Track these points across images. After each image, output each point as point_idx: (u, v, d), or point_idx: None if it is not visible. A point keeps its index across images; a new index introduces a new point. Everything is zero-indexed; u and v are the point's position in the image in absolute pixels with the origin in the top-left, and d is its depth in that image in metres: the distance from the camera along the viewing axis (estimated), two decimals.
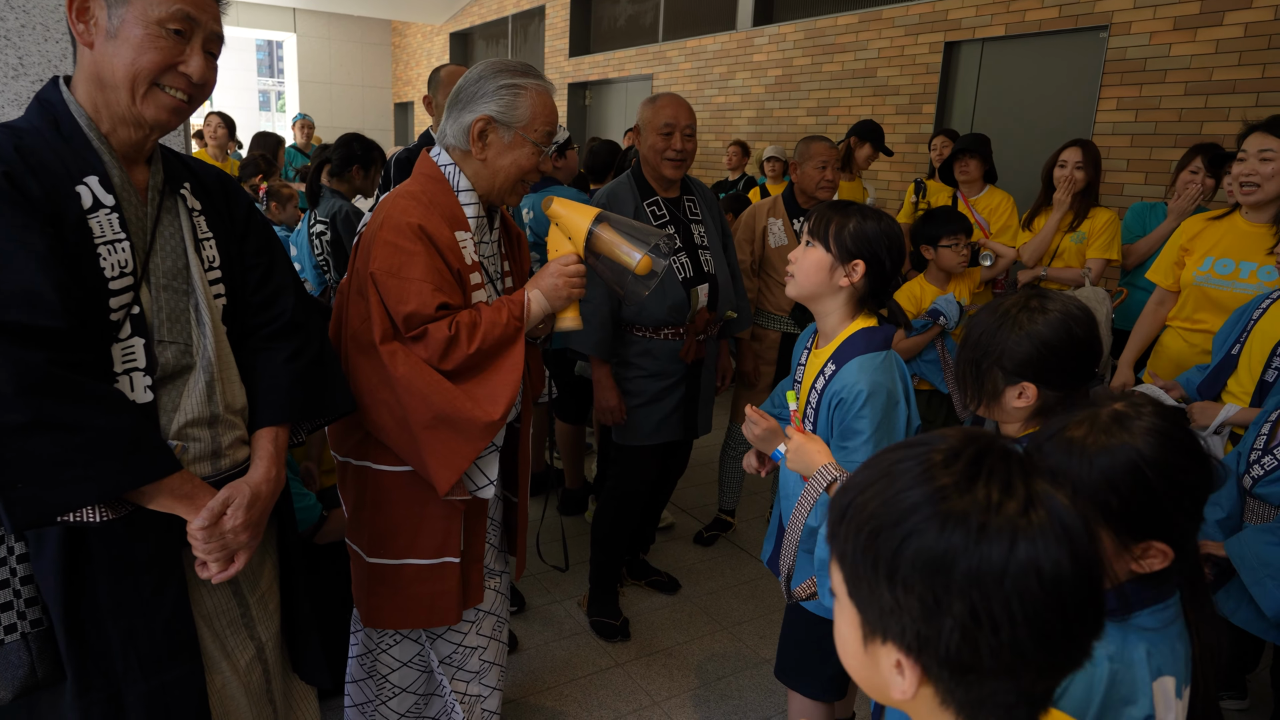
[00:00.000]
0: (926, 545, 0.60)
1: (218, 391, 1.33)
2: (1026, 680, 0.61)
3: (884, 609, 0.63)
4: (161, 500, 1.23)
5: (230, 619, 1.40)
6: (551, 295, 1.67)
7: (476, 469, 1.66)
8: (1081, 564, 0.60)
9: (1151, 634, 0.94)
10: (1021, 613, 0.58)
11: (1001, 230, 3.94)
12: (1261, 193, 2.44)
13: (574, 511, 3.64)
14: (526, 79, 1.66)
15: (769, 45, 7.28)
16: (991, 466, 0.62)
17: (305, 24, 14.95)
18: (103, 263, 1.19)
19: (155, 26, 1.21)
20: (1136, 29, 4.61)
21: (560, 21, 10.61)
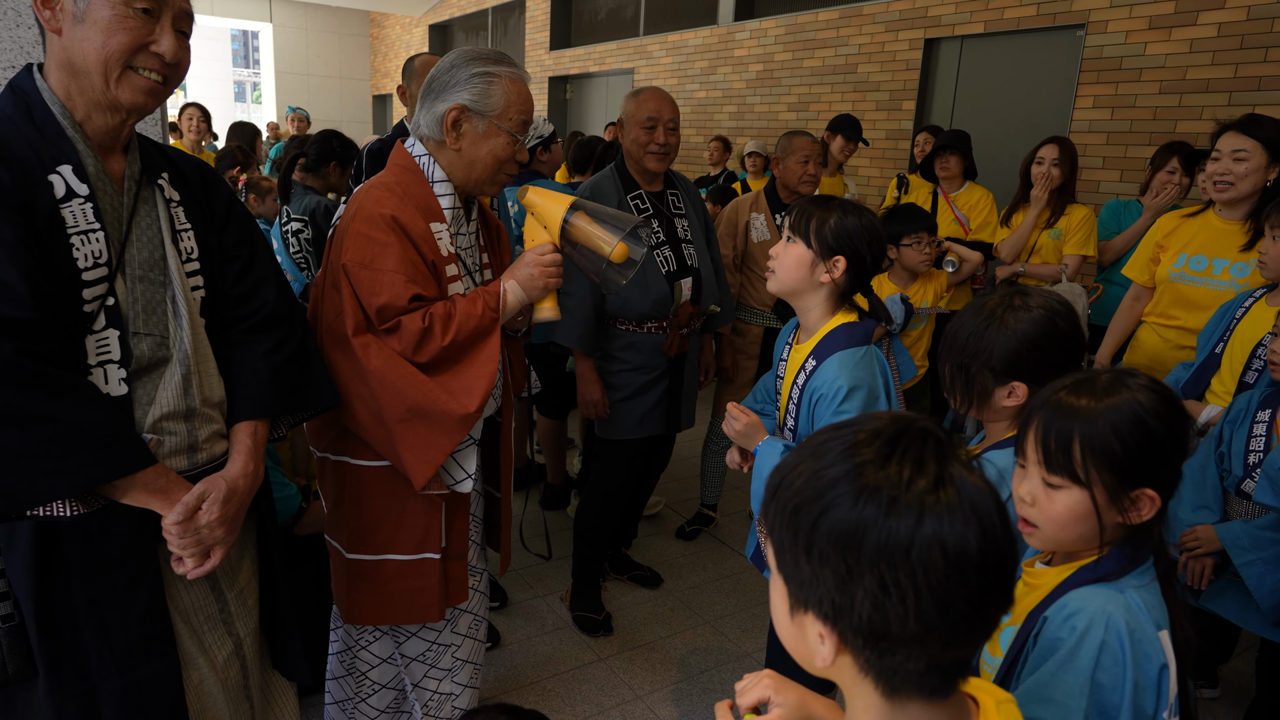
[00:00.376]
0: (841, 518, 0.63)
1: (195, 385, 1.31)
2: (935, 649, 0.64)
3: (804, 580, 0.66)
4: (135, 495, 1.21)
5: (208, 614, 1.38)
6: (528, 285, 1.65)
7: (454, 463, 1.64)
8: (989, 542, 0.63)
9: (1143, 590, 0.99)
10: (926, 585, 0.61)
11: (981, 226, 3.98)
12: (1235, 191, 2.48)
13: (556, 506, 3.64)
14: (500, 67, 1.63)
15: (750, 40, 7.29)
16: (907, 446, 0.65)
17: (281, 14, 14.75)
18: (76, 253, 1.17)
19: (122, 7, 1.18)
20: (1113, 28, 4.66)
21: (541, 14, 10.55)
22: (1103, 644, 0.95)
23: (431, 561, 1.68)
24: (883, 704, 0.67)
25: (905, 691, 0.66)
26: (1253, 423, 2.06)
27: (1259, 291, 2.29)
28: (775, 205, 3.14)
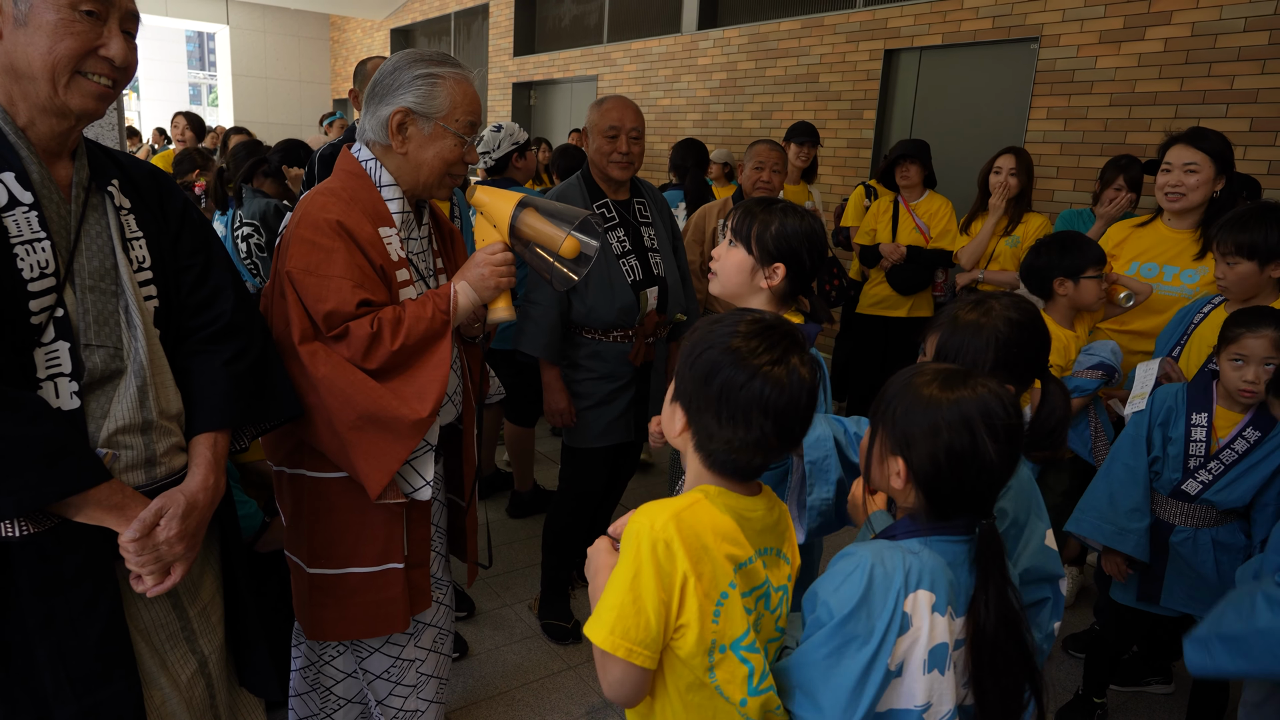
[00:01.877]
0: (711, 359, 1.05)
1: (151, 397, 1.27)
2: (736, 452, 1.06)
3: (682, 387, 1.10)
4: (89, 512, 1.17)
5: (170, 632, 1.34)
6: (479, 286, 1.62)
7: (411, 469, 1.61)
8: (790, 406, 1.03)
9: (917, 556, 1.09)
10: (740, 415, 1.03)
11: (941, 234, 4.06)
12: (1186, 201, 2.57)
13: (524, 514, 3.61)
14: (444, 68, 1.60)
15: (714, 49, 7.35)
16: (771, 334, 1.05)
17: (239, 16, 14.50)
18: (20, 263, 1.13)
19: (68, 10, 1.14)
20: (1065, 41, 4.80)
21: (504, 20, 10.52)
22: (844, 569, 1.09)
23: (395, 572, 1.65)
24: (701, 469, 1.11)
25: (715, 467, 1.09)
26: (1189, 425, 2.11)
27: (1217, 299, 2.37)
28: None
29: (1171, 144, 2.61)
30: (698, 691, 1.04)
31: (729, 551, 1.04)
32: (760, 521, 1.10)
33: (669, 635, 1.02)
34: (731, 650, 1.04)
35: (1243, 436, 2.06)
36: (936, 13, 5.50)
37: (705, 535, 1.03)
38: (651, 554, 1.00)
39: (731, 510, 1.07)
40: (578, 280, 1.69)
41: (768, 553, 1.12)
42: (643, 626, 0.99)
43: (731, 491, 1.09)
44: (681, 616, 1.01)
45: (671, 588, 1.00)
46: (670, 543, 1.00)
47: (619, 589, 1.01)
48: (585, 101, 9.36)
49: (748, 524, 1.08)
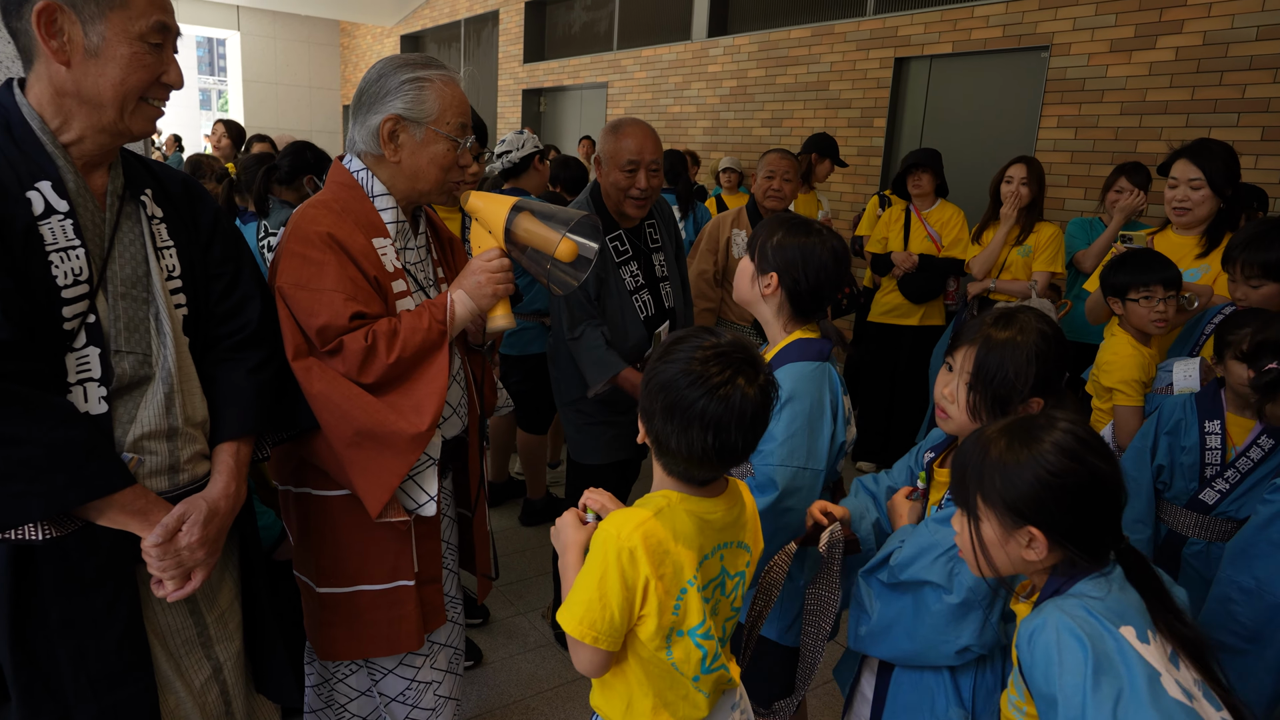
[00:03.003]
0: (668, 378, 1.12)
1: (177, 403, 1.29)
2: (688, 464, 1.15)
3: (643, 400, 1.17)
4: (113, 516, 1.19)
5: (186, 638, 1.36)
6: (476, 294, 1.57)
7: (414, 484, 1.56)
8: (737, 424, 1.10)
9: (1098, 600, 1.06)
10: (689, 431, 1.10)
11: (953, 243, 4.07)
12: (1192, 215, 2.61)
13: (537, 522, 3.63)
14: (429, 70, 1.57)
15: (724, 56, 7.37)
16: (727, 357, 1.11)
17: (249, 22, 14.60)
18: (55, 270, 1.15)
19: (139, 43, 1.19)
20: (1076, 50, 4.80)
21: (514, 27, 10.56)
22: (1057, 643, 1.04)
23: (406, 589, 1.62)
24: (663, 476, 1.21)
25: (673, 474, 1.19)
26: (1203, 434, 2.10)
27: (1228, 306, 2.38)
28: (756, 221, 3.19)
29: (1176, 158, 2.63)
30: (657, 664, 1.19)
31: (689, 553, 1.16)
32: (720, 521, 1.21)
33: (632, 622, 1.15)
34: (688, 635, 1.17)
35: (1257, 445, 2.06)
36: (947, 21, 5.51)
37: (667, 541, 1.14)
38: (617, 560, 1.11)
39: (692, 514, 1.18)
40: (577, 285, 1.65)
41: (726, 546, 1.23)
42: (607, 620, 1.12)
43: (693, 496, 1.19)
44: (643, 609, 1.14)
45: (635, 588, 1.12)
46: (634, 550, 1.12)
47: (588, 586, 1.13)
48: (595, 108, 9.39)
49: (707, 525, 1.19)
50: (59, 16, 1.15)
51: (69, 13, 1.15)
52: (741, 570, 1.26)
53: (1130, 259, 2.47)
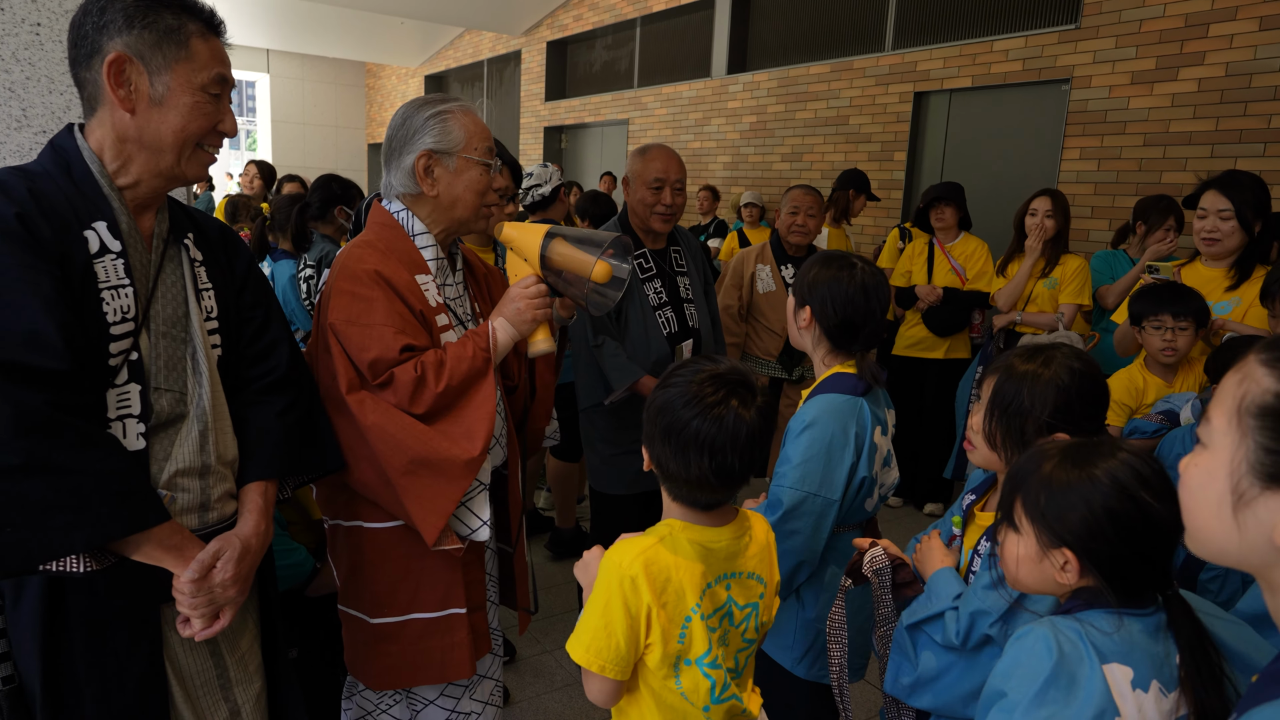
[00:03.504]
0: (666, 400, 1.15)
1: (211, 442, 1.32)
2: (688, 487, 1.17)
3: (646, 427, 1.20)
4: (149, 551, 1.20)
5: (205, 679, 1.36)
6: (515, 320, 1.63)
7: (467, 511, 1.60)
8: (731, 444, 1.12)
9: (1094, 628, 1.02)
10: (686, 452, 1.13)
11: (978, 276, 4.06)
12: (1221, 246, 2.60)
13: (564, 554, 3.60)
14: (448, 104, 1.66)
15: (743, 92, 7.46)
16: (723, 381, 1.15)
17: (279, 65, 15.00)
18: (105, 307, 1.19)
19: (200, 93, 1.26)
20: (1097, 83, 4.81)
21: (536, 66, 10.77)
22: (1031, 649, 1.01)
23: (458, 617, 1.65)
24: (669, 501, 1.23)
25: (679, 500, 1.21)
26: None
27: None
28: (780, 256, 3.20)
29: (1205, 189, 2.63)
30: (668, 693, 1.20)
31: (691, 581, 1.17)
32: (725, 550, 1.22)
33: (639, 651, 1.17)
34: (695, 665, 1.18)
35: None
36: (966, 55, 5.56)
37: (669, 569, 1.16)
38: (619, 588, 1.14)
39: (694, 542, 1.19)
40: (613, 304, 1.70)
41: (734, 576, 1.23)
42: (613, 648, 1.14)
43: (697, 524, 1.21)
44: (649, 638, 1.15)
45: (638, 616, 1.14)
46: (636, 579, 1.14)
47: (594, 614, 1.15)
48: (616, 144, 9.52)
49: (711, 554, 1.20)
50: (128, 68, 1.21)
51: (137, 64, 1.21)
52: (754, 602, 1.26)
53: (1152, 289, 2.50)
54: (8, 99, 1.55)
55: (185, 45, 1.24)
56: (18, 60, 1.54)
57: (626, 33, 9.25)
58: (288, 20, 12.04)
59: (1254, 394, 0.68)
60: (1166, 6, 4.47)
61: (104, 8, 1.21)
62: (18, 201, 1.14)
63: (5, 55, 1.53)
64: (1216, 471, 0.71)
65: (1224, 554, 0.73)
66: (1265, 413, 0.67)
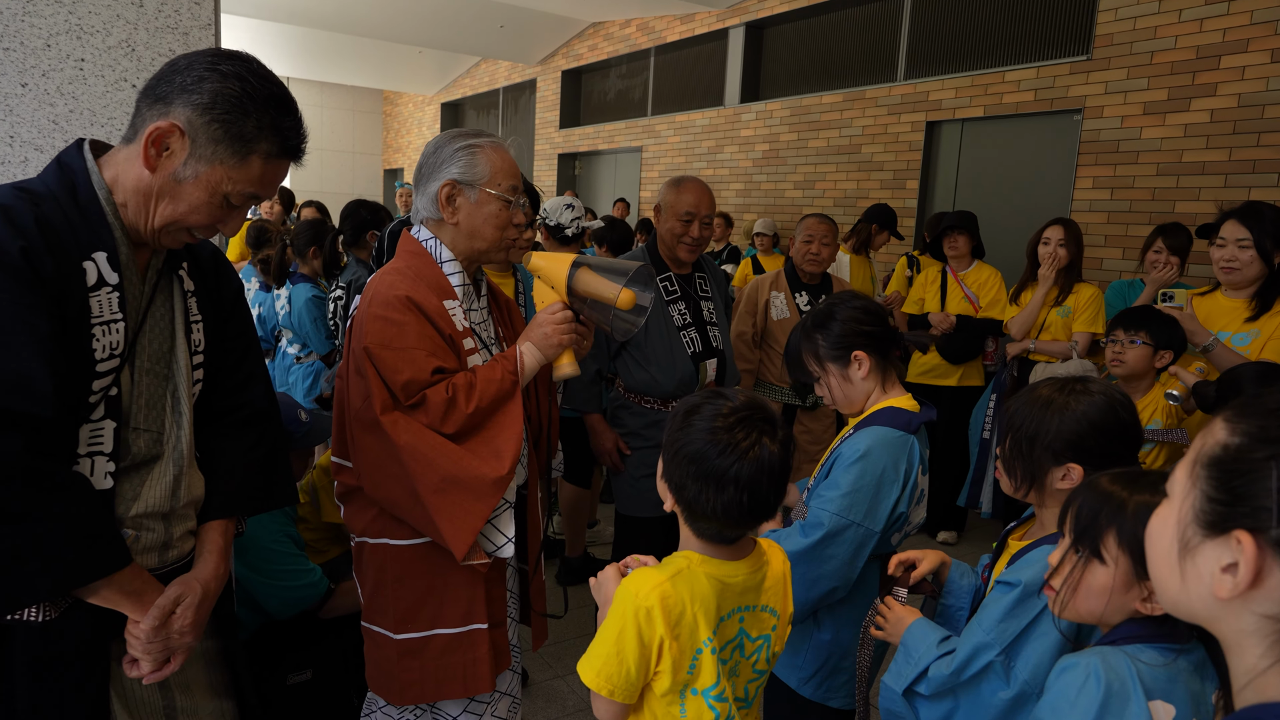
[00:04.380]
0: (696, 449, 1.16)
1: (184, 485, 1.28)
2: (720, 525, 1.18)
3: (669, 471, 1.21)
4: (108, 595, 1.15)
5: (152, 709, 1.32)
6: (542, 345, 1.68)
7: (494, 528, 1.65)
8: (767, 481, 1.15)
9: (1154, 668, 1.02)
10: (723, 494, 1.14)
11: (991, 304, 4.07)
12: (1241, 276, 2.60)
13: (573, 581, 3.61)
14: (480, 139, 1.70)
15: (756, 121, 7.55)
16: (748, 421, 1.16)
17: (299, 92, 15.27)
18: (95, 343, 1.14)
19: (219, 197, 1.21)
20: (1109, 113, 4.85)
21: (551, 94, 10.93)
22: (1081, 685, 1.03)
23: (480, 632, 1.69)
24: (690, 537, 1.24)
25: (704, 536, 1.22)
26: None
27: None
28: (795, 284, 3.23)
29: (1225, 219, 2.64)
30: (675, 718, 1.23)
31: (705, 615, 1.19)
32: (742, 584, 1.24)
33: (648, 678, 1.19)
34: (702, 696, 1.20)
35: None
36: (978, 86, 5.61)
37: (684, 602, 1.18)
38: (634, 618, 1.16)
39: (711, 577, 1.21)
40: (636, 329, 1.75)
41: (747, 609, 1.26)
42: (623, 674, 1.17)
43: (715, 559, 1.23)
44: (659, 666, 1.18)
45: (650, 646, 1.16)
46: (651, 610, 1.16)
47: (607, 641, 1.18)
48: (629, 171, 9.62)
49: (727, 588, 1.22)
50: (172, 141, 1.16)
51: (183, 139, 1.16)
52: (766, 634, 1.28)
53: (1127, 309, 2.66)
54: (51, 131, 1.60)
55: (244, 160, 1.19)
56: (62, 94, 1.60)
57: (640, 62, 9.39)
58: (308, 49, 12.28)
59: (1208, 446, 0.69)
60: (1178, 39, 4.52)
61: (202, 77, 1.15)
62: (23, 233, 1.08)
63: (50, 89, 1.59)
64: (1169, 519, 0.72)
65: (1178, 605, 0.73)
66: (1212, 463, 0.68)
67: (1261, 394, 0.70)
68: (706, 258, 2.82)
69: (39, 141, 1.58)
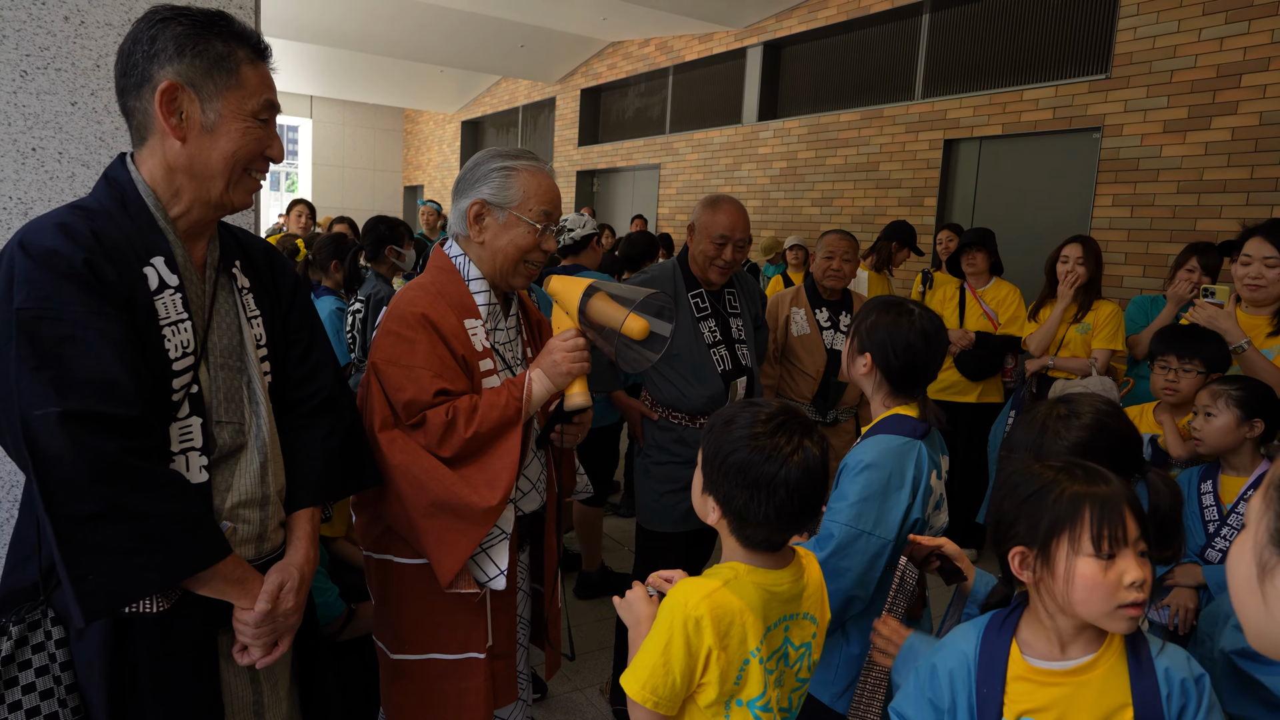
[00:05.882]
0: (741, 459, 1.18)
1: (270, 472, 1.33)
2: (769, 531, 1.20)
3: (712, 483, 1.22)
4: (214, 585, 1.22)
5: (243, 703, 1.37)
6: (552, 372, 1.62)
7: (486, 558, 1.60)
8: (810, 484, 1.17)
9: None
10: (773, 499, 1.16)
11: (1010, 321, 4.07)
12: (1265, 293, 2.60)
13: (591, 595, 3.62)
14: (519, 161, 1.69)
15: (774, 139, 7.59)
16: (786, 426, 1.19)
17: (321, 110, 15.51)
18: (167, 344, 1.20)
19: (251, 119, 1.25)
20: (1128, 131, 4.85)
21: (570, 112, 11.04)
22: None
23: (477, 661, 1.64)
24: (736, 548, 1.25)
25: (752, 545, 1.23)
26: (1199, 494, 2.18)
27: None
28: (815, 300, 3.24)
29: (1250, 235, 2.64)
30: None
31: (755, 624, 1.20)
32: (786, 593, 1.25)
33: (692, 689, 1.19)
34: (747, 707, 1.19)
35: (1245, 499, 2.07)
36: (996, 104, 5.63)
37: (733, 613, 1.18)
38: (683, 628, 1.16)
39: (758, 586, 1.22)
40: (650, 365, 1.69)
41: (791, 618, 1.27)
42: (669, 685, 1.16)
43: (760, 568, 1.24)
44: (704, 677, 1.17)
45: (698, 656, 1.16)
46: (700, 620, 1.16)
47: (654, 651, 1.17)
48: (647, 189, 9.68)
49: (774, 597, 1.23)
50: (179, 95, 1.20)
51: (189, 92, 1.20)
52: (807, 641, 1.29)
53: (1172, 330, 2.59)
54: (98, 147, 1.66)
55: (235, 72, 1.23)
56: (109, 112, 1.66)
57: (659, 80, 9.48)
58: (331, 69, 12.50)
59: (1278, 470, 0.70)
60: (1198, 57, 4.52)
61: (154, 36, 1.20)
62: (84, 246, 1.14)
63: (99, 108, 1.65)
64: (1246, 546, 0.73)
65: (1264, 632, 0.72)
66: None
67: None
68: (739, 272, 2.82)
69: (86, 158, 1.63)
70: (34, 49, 1.57)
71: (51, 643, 1.22)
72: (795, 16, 7.33)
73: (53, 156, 1.61)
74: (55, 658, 1.22)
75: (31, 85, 1.58)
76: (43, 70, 1.58)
